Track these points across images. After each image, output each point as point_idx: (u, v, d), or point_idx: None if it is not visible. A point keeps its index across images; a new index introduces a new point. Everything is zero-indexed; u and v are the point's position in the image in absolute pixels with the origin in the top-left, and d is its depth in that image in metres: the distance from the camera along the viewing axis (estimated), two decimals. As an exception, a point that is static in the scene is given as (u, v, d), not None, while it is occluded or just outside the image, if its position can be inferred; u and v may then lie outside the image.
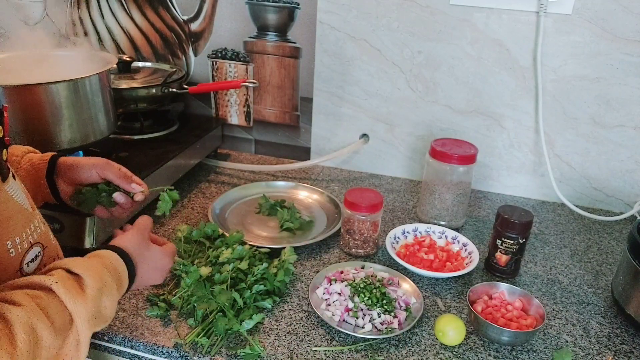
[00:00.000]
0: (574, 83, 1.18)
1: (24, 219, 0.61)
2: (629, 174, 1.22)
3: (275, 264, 0.93)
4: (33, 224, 0.63)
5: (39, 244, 0.63)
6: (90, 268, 0.59)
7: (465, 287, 0.96)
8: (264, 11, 1.32)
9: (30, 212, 0.63)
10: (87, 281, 0.57)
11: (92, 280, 0.58)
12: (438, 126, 1.31)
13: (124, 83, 1.24)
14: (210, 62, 1.43)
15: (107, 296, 0.60)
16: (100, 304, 0.59)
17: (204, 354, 0.77)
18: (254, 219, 1.15)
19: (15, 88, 0.91)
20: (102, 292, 0.59)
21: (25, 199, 0.63)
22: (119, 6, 1.42)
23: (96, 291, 0.58)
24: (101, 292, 0.59)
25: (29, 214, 0.63)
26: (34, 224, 0.63)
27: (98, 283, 0.58)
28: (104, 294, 0.59)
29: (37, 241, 0.63)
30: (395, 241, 1.05)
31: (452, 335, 0.80)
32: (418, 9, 1.21)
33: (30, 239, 0.61)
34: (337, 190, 1.31)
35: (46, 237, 0.66)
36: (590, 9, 1.11)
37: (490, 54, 1.20)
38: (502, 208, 0.97)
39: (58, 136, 0.97)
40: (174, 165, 1.18)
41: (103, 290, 0.59)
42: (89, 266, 0.59)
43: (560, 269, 1.03)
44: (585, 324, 0.89)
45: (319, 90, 1.37)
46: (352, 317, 0.84)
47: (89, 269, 0.59)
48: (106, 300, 0.60)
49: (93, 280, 0.58)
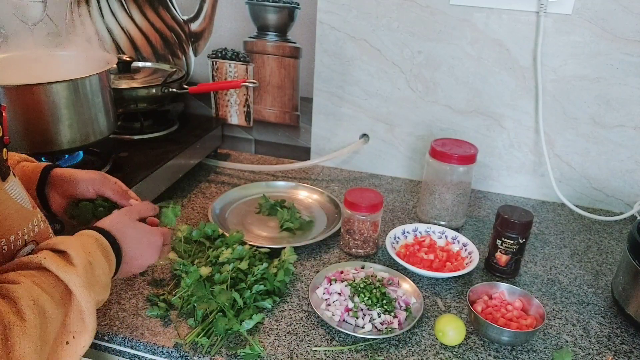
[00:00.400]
0: (574, 83, 1.18)
1: (21, 218, 0.61)
2: (629, 174, 1.22)
3: (275, 264, 0.93)
4: (32, 222, 0.63)
5: (34, 242, 0.63)
6: (73, 243, 0.60)
7: (465, 287, 0.96)
8: (264, 11, 1.32)
9: (29, 211, 0.63)
10: (72, 254, 0.59)
11: (77, 252, 0.59)
12: (438, 126, 1.31)
13: (124, 83, 1.24)
14: (210, 62, 1.43)
15: (97, 264, 0.61)
16: (93, 272, 0.60)
17: (204, 354, 0.77)
18: (254, 219, 1.15)
19: (15, 88, 0.91)
20: (90, 262, 0.60)
21: (26, 198, 0.63)
22: (119, 6, 1.42)
23: (84, 260, 0.59)
24: (89, 262, 0.60)
25: (29, 212, 0.63)
26: (32, 223, 0.63)
27: (82, 253, 0.60)
28: (93, 263, 0.60)
29: (32, 239, 0.63)
30: (395, 241, 1.05)
31: (452, 335, 0.80)
32: (418, 9, 1.21)
33: (25, 237, 0.61)
34: (337, 190, 1.31)
35: (44, 236, 0.66)
36: (590, 9, 1.11)
37: (490, 54, 1.20)
38: (502, 208, 0.97)
39: (58, 136, 0.97)
40: (174, 165, 1.18)
41: (90, 260, 0.60)
42: (71, 242, 0.61)
43: (560, 269, 1.03)
44: (585, 324, 0.89)
45: (319, 90, 1.37)
46: (352, 317, 0.84)
47: (71, 244, 0.60)
48: (97, 268, 0.61)
49: (77, 252, 0.59)
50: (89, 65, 1.05)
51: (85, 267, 0.59)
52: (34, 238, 0.63)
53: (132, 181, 1.03)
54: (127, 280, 0.92)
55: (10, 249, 0.59)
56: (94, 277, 0.60)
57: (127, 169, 1.09)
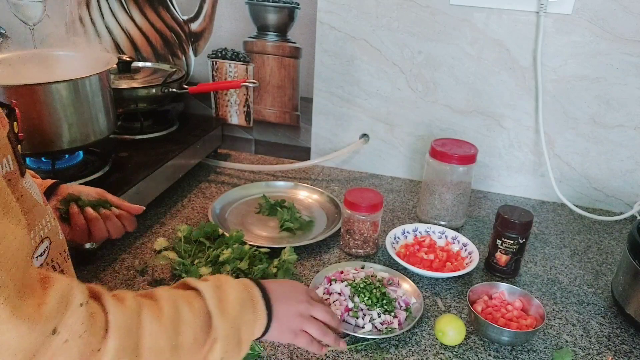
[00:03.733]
0: (574, 83, 1.18)
1: (37, 214, 0.61)
2: (629, 174, 1.22)
3: (275, 264, 0.93)
4: (44, 218, 0.63)
5: (47, 238, 0.63)
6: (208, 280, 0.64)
7: (465, 287, 0.96)
8: (264, 11, 1.32)
9: (42, 207, 0.64)
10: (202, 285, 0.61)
11: (206, 284, 0.62)
12: (438, 126, 1.31)
13: (124, 83, 1.24)
14: (210, 62, 1.43)
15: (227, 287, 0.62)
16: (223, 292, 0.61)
17: (204, 354, 0.77)
18: (254, 219, 1.15)
19: (15, 88, 0.91)
20: (218, 286, 0.62)
21: (39, 194, 0.64)
22: (119, 6, 1.42)
23: (212, 284, 0.62)
24: (217, 286, 0.62)
25: (42, 208, 0.63)
26: (45, 219, 0.63)
27: (214, 283, 0.62)
28: (221, 287, 0.62)
29: (46, 235, 0.63)
30: (395, 241, 1.05)
31: (452, 335, 0.80)
32: (418, 9, 1.21)
33: (41, 233, 0.62)
34: (337, 190, 1.31)
35: (55, 232, 0.66)
36: (590, 9, 1.11)
37: (490, 54, 1.20)
38: (502, 208, 0.97)
39: (58, 136, 0.97)
40: (174, 165, 1.18)
41: (219, 284, 0.62)
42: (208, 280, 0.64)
43: (560, 269, 1.03)
44: (585, 324, 0.89)
45: (319, 90, 1.37)
46: (352, 317, 0.84)
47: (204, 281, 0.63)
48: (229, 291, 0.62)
49: (206, 284, 0.62)
50: (89, 65, 1.05)
51: (214, 288, 0.61)
52: (48, 235, 0.63)
53: (132, 181, 1.03)
54: (126, 281, 0.92)
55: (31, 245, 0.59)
56: (223, 291, 0.61)
57: (127, 169, 1.09)
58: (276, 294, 0.67)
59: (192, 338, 0.55)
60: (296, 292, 0.71)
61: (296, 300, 0.70)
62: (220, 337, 0.57)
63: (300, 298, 0.70)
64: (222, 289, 0.61)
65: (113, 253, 1.00)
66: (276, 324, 0.65)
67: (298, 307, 0.69)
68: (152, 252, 1.00)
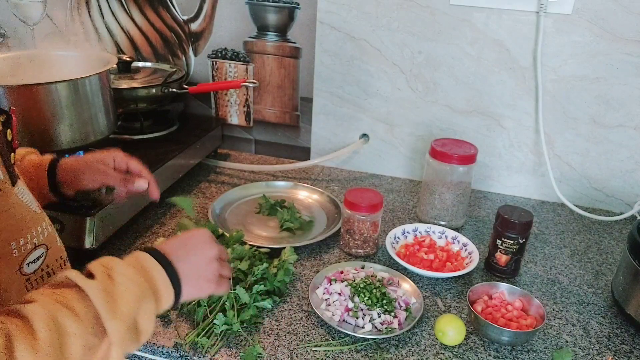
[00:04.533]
0: (574, 83, 1.18)
1: (31, 222, 0.61)
2: (629, 174, 1.22)
3: (275, 264, 0.93)
4: (41, 225, 0.63)
5: (44, 245, 0.63)
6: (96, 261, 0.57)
7: (465, 287, 0.96)
8: (264, 11, 1.32)
9: (38, 214, 0.63)
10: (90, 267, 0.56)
11: (95, 265, 0.56)
12: (438, 126, 1.31)
13: (124, 83, 1.24)
14: (210, 62, 1.43)
15: (118, 273, 0.56)
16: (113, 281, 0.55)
17: (204, 354, 0.77)
18: (254, 219, 1.15)
19: (15, 88, 0.92)
20: (108, 274, 0.55)
21: (34, 201, 0.63)
22: (119, 6, 1.42)
23: (101, 270, 0.55)
24: (107, 274, 0.55)
25: (37, 216, 0.63)
26: (41, 226, 0.63)
27: (101, 267, 0.56)
28: (112, 274, 0.55)
29: (42, 243, 0.62)
30: (395, 241, 1.05)
31: (452, 335, 0.80)
32: (418, 9, 1.21)
33: (35, 241, 0.61)
34: (337, 190, 1.31)
35: (52, 239, 0.66)
36: (590, 9, 1.11)
37: (490, 54, 1.20)
38: (502, 208, 0.97)
39: (58, 136, 0.97)
40: (174, 165, 1.18)
41: (109, 272, 0.56)
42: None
43: (560, 269, 1.03)
44: (585, 324, 0.89)
45: (319, 90, 1.37)
46: (352, 317, 0.84)
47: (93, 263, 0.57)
48: (119, 276, 0.55)
49: (95, 265, 0.56)
50: (89, 65, 1.05)
51: (103, 276, 0.54)
52: (44, 242, 0.63)
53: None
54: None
55: (20, 252, 0.59)
56: (114, 285, 0.54)
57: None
58: (178, 253, 0.62)
59: (81, 348, 0.49)
60: (198, 238, 0.66)
61: (202, 248, 0.65)
62: (115, 340, 0.52)
63: (205, 243, 0.66)
64: (112, 280, 0.54)
65: (113, 253, 0.99)
66: (189, 285, 0.61)
67: (207, 254, 0.65)
68: (152, 252, 1.00)
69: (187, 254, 0.63)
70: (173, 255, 0.61)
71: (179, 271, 0.60)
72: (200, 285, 0.64)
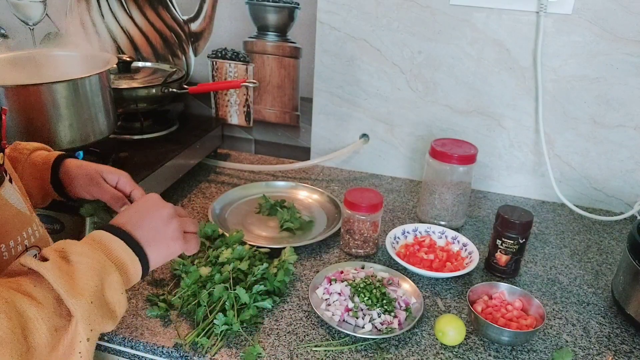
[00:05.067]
0: (574, 83, 1.18)
1: (20, 223, 0.60)
2: (629, 174, 1.22)
3: (275, 264, 0.93)
4: (31, 227, 0.63)
5: (36, 247, 0.63)
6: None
7: (465, 287, 0.96)
8: (264, 11, 1.32)
9: (27, 216, 0.63)
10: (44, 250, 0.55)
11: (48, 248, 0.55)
12: (438, 126, 1.31)
13: (124, 83, 1.24)
14: (210, 62, 1.43)
15: (73, 252, 0.55)
16: (68, 260, 0.54)
17: (204, 354, 0.77)
18: (254, 219, 1.15)
19: (15, 88, 0.91)
20: (60, 252, 0.55)
21: (23, 203, 0.63)
22: (119, 6, 1.42)
23: (52, 250, 0.55)
24: (59, 254, 0.55)
25: (26, 217, 0.62)
26: (32, 228, 0.63)
27: (52, 248, 0.55)
28: (66, 250, 0.55)
29: (33, 244, 0.62)
30: (395, 241, 1.05)
31: (452, 335, 0.80)
32: (418, 9, 1.21)
33: (25, 242, 0.61)
34: (337, 190, 1.31)
35: (44, 241, 0.65)
36: (590, 9, 1.11)
37: (490, 54, 1.20)
38: (502, 208, 0.97)
39: (58, 136, 0.97)
40: (174, 165, 1.18)
41: (60, 248, 0.55)
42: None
43: (560, 269, 1.03)
44: (585, 324, 0.89)
45: (319, 90, 1.37)
46: (352, 317, 0.84)
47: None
48: (74, 255, 0.55)
49: (49, 248, 0.55)
50: (89, 65, 1.05)
51: (56, 257, 0.53)
52: (36, 243, 0.63)
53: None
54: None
55: (11, 255, 0.59)
56: (69, 264, 0.54)
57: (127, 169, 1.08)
58: (132, 221, 0.62)
59: (47, 331, 0.49)
60: (147, 202, 0.66)
61: (154, 210, 0.64)
62: (80, 318, 0.51)
63: (155, 205, 0.65)
64: (67, 260, 0.54)
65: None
66: (153, 248, 0.61)
67: (161, 213, 0.64)
68: (152, 252, 1.00)
69: (141, 220, 0.62)
70: (128, 225, 0.61)
71: (137, 238, 0.60)
72: (167, 245, 0.63)
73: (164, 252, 0.63)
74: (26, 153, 0.77)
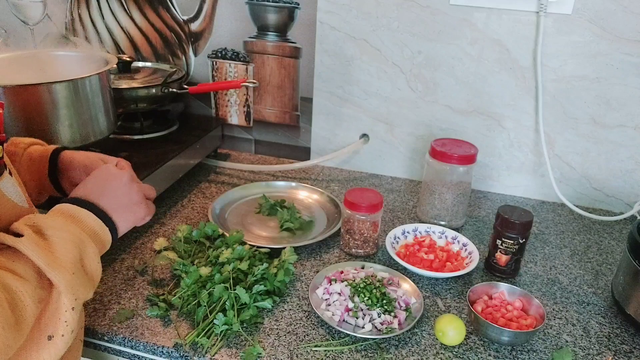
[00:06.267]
0: (574, 83, 1.18)
1: (15, 217, 0.60)
2: (629, 174, 1.22)
3: (275, 264, 0.93)
4: None
5: None
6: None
7: (465, 287, 0.96)
8: (264, 11, 1.32)
9: (26, 209, 0.63)
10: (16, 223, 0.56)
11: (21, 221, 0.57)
12: (438, 126, 1.31)
13: (124, 83, 1.24)
14: (210, 62, 1.43)
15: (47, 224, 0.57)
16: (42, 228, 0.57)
17: (204, 354, 0.77)
18: (254, 219, 1.15)
19: (15, 88, 0.91)
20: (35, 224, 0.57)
21: (22, 196, 0.63)
22: (119, 6, 1.42)
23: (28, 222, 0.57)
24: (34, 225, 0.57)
25: (25, 211, 0.62)
26: None
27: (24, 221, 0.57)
28: (37, 224, 0.57)
29: None
30: (395, 241, 1.05)
31: (452, 335, 0.80)
32: (418, 9, 1.21)
33: None
34: (337, 190, 1.31)
35: None
36: (590, 9, 1.11)
37: (490, 54, 1.20)
38: (502, 208, 0.97)
39: (58, 136, 0.97)
40: (174, 165, 1.18)
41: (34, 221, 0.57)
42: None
43: (560, 269, 1.03)
44: (585, 324, 0.89)
45: (319, 90, 1.37)
46: (352, 317, 0.84)
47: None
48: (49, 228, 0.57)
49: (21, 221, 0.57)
50: (89, 65, 1.05)
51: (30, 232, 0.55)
52: None
53: (132, 181, 1.03)
54: (126, 281, 0.92)
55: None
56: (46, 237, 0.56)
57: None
58: (94, 191, 0.63)
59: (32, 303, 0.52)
60: (103, 172, 0.68)
61: (113, 178, 0.67)
62: (63, 289, 0.54)
63: (112, 173, 0.68)
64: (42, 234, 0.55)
65: (113, 253, 1.00)
66: (119, 214, 0.64)
67: (120, 179, 0.67)
68: (152, 252, 1.01)
69: (102, 189, 0.65)
70: (91, 195, 0.63)
71: (102, 207, 0.63)
72: (132, 209, 0.66)
73: (131, 217, 0.67)
74: (23, 147, 0.77)
